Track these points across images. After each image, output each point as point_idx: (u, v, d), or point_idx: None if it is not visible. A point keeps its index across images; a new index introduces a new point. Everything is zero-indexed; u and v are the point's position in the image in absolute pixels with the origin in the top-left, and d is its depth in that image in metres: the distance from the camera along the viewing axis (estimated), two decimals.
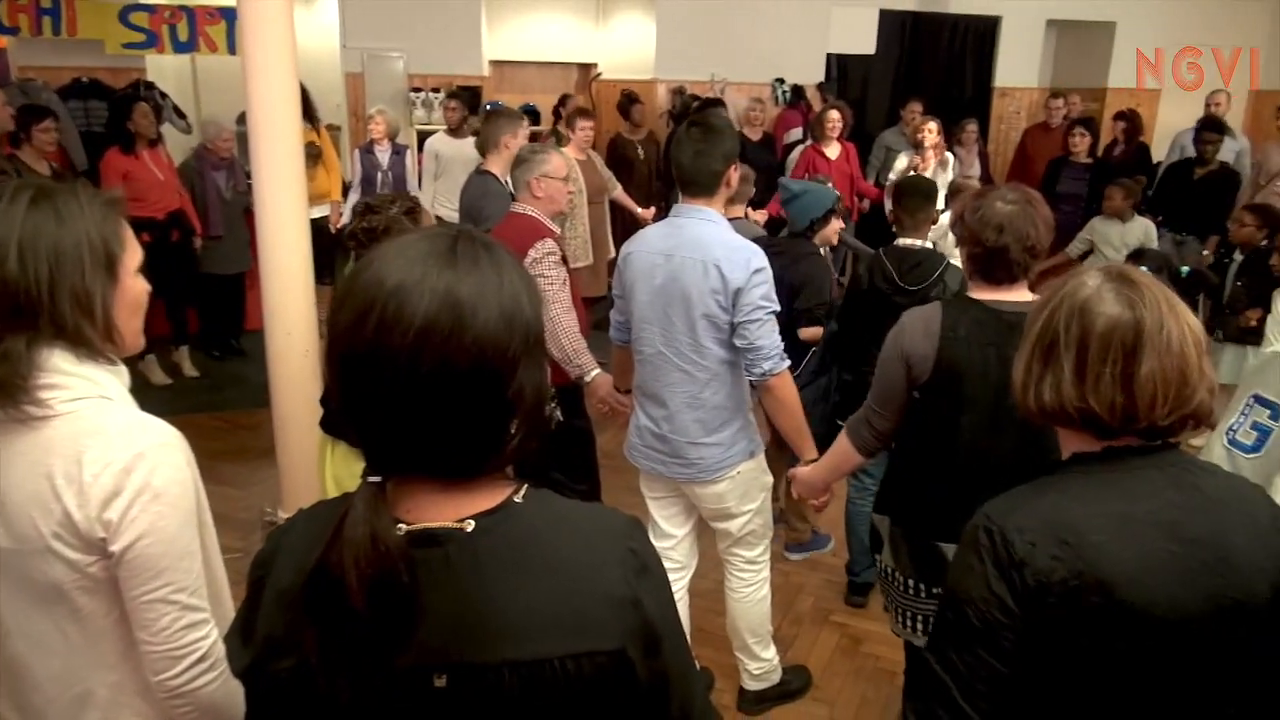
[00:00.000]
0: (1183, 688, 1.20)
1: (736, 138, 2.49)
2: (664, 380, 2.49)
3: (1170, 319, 1.20)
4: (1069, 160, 6.53)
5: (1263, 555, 1.20)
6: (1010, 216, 2.05)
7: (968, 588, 1.23)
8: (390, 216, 2.33)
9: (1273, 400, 2.05)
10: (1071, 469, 1.28)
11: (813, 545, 3.94)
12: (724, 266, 2.32)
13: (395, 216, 2.33)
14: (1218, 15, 9.11)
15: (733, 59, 7.91)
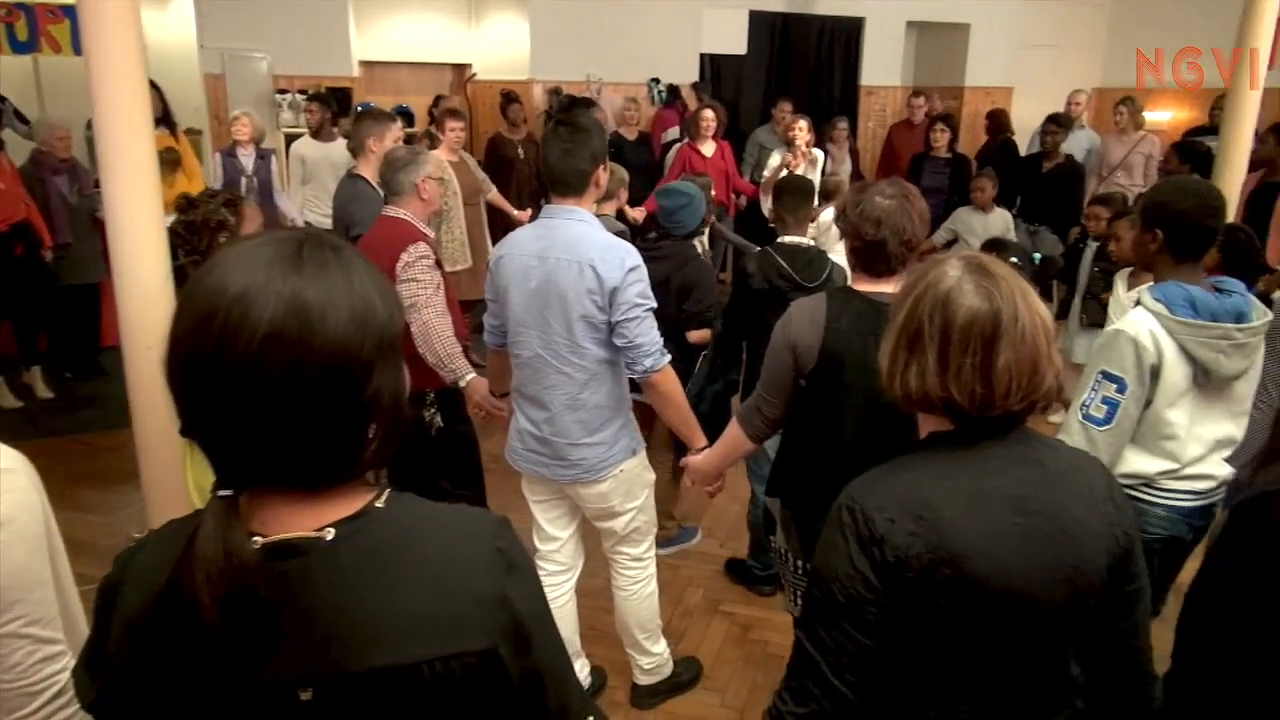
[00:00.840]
0: (1031, 651, 1.27)
1: (605, 137, 2.49)
2: (543, 383, 2.48)
3: (1024, 310, 1.26)
4: (930, 155, 6.83)
5: (1098, 523, 1.29)
6: (889, 211, 2.12)
7: (833, 565, 1.27)
8: (209, 210, 2.26)
9: (1118, 375, 2.18)
10: (927, 448, 1.34)
11: (680, 539, 4.00)
12: (599, 266, 2.33)
13: (214, 209, 2.26)
14: (1063, 17, 9.70)
15: (608, 59, 7.95)
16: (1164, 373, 2.14)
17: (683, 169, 6.25)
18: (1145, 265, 2.35)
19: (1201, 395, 2.20)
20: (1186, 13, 8.95)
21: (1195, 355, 2.12)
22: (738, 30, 8.45)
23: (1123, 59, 10.00)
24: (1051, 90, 8.69)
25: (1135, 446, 2.25)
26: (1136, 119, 6.87)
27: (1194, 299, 2.13)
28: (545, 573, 2.81)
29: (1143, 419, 2.21)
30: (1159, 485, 2.26)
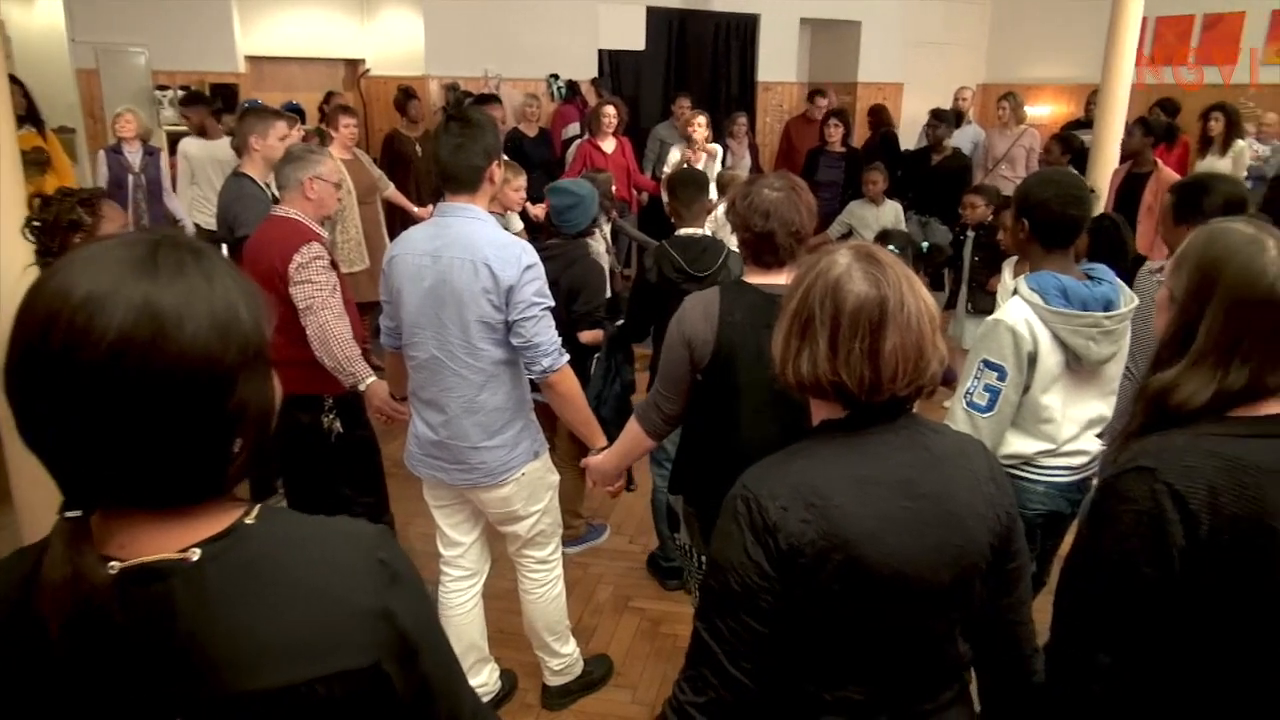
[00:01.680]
0: (920, 630, 1.31)
1: (498, 133, 2.45)
2: (440, 385, 2.43)
3: (910, 296, 1.29)
4: (826, 150, 6.97)
5: (981, 505, 1.33)
6: (776, 203, 2.16)
7: (728, 555, 1.28)
8: (62, 209, 2.15)
9: (998, 363, 2.26)
10: (819, 436, 1.36)
11: (588, 537, 4.00)
12: (494, 265, 2.29)
13: (68, 208, 2.15)
14: (948, 15, 10.04)
15: (506, 54, 7.86)
16: (1039, 360, 2.23)
17: (584, 165, 6.23)
18: (1020, 253, 2.44)
19: (1074, 379, 2.29)
20: (1063, 11, 9.36)
21: (1067, 343, 2.22)
22: (635, 26, 8.46)
23: (1005, 56, 10.42)
24: (940, 86, 9.00)
25: (1015, 429, 2.33)
26: (1018, 113, 7.16)
27: (1066, 288, 2.22)
28: (450, 578, 2.76)
29: (1021, 403, 2.29)
30: (1038, 464, 2.35)
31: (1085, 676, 1.37)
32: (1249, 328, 1.31)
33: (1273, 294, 1.30)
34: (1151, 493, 1.28)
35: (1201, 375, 1.34)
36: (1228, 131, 6.68)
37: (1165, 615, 1.31)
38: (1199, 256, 1.38)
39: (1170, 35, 8.89)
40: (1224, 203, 2.49)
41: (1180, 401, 1.35)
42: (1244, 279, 1.32)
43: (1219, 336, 1.33)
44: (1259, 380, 1.31)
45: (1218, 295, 1.34)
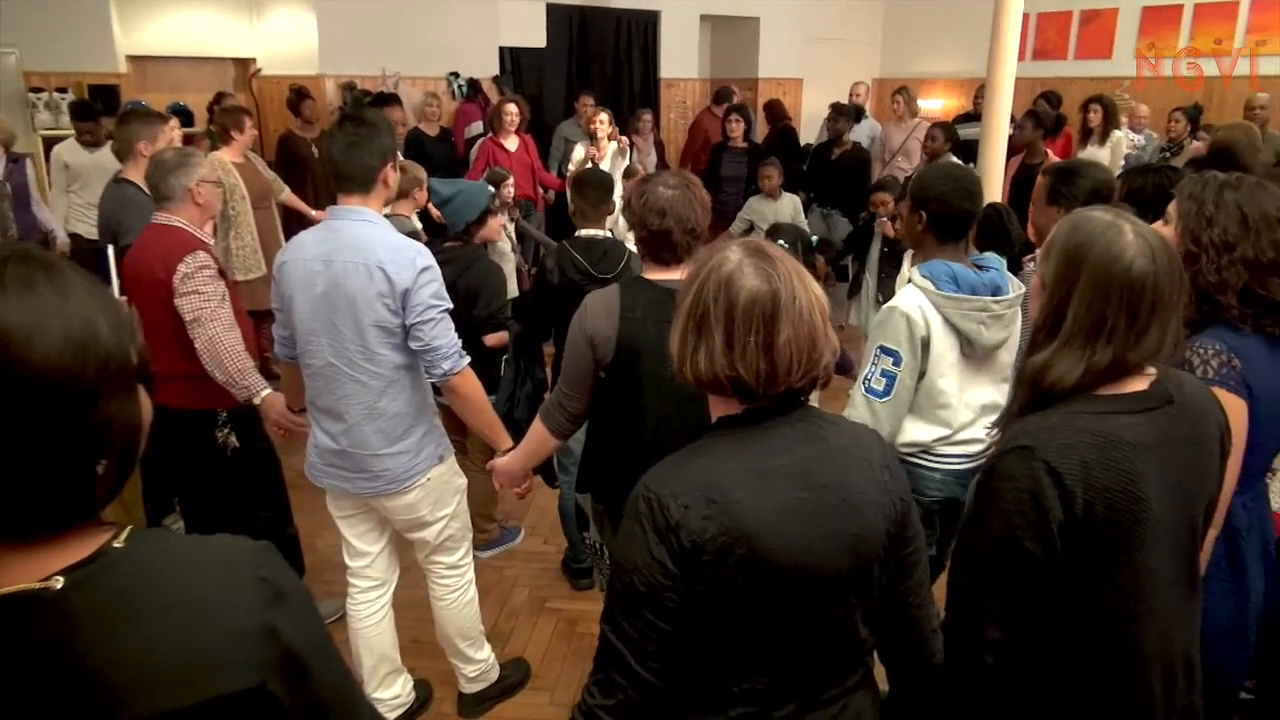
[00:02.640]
0: (822, 618, 1.33)
1: (394, 135, 2.40)
2: (337, 393, 2.36)
3: (800, 290, 1.31)
4: (728, 145, 7.05)
5: (876, 492, 1.36)
6: (671, 201, 2.17)
7: (632, 556, 1.28)
8: None
9: (893, 349, 2.32)
10: (717, 432, 1.37)
11: (502, 540, 3.97)
12: (389, 268, 2.24)
13: None
14: (843, 12, 10.26)
15: (404, 52, 7.70)
16: (933, 345, 2.30)
17: (486, 164, 6.16)
18: (914, 244, 2.50)
19: (968, 365, 2.37)
20: (951, 7, 9.67)
21: (959, 327, 2.29)
22: (536, 23, 8.40)
23: (898, 51, 10.72)
24: (838, 81, 9.20)
25: (914, 416, 2.40)
26: (912, 107, 7.38)
27: (956, 275, 2.30)
28: (358, 589, 2.70)
29: (918, 389, 2.36)
30: (935, 451, 2.42)
31: (978, 650, 1.42)
32: (1111, 308, 1.37)
33: (1130, 276, 1.36)
34: (1031, 471, 1.34)
35: (1071, 355, 1.40)
36: (1105, 122, 7.01)
37: (1050, 588, 1.37)
38: (1064, 244, 1.44)
39: (1051, 30, 9.28)
40: (1092, 188, 2.61)
41: (1053, 381, 1.41)
42: (1104, 262, 1.38)
43: (1085, 318, 1.39)
44: (1122, 357, 1.38)
45: (1082, 279, 1.40)
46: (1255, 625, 1.94)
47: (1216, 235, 1.80)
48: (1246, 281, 1.78)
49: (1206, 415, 1.49)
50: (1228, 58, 8.12)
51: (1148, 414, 1.40)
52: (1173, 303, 1.39)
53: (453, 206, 3.43)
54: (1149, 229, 1.42)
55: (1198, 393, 1.51)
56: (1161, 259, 1.38)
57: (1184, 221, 1.86)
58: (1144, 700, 1.42)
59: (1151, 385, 1.43)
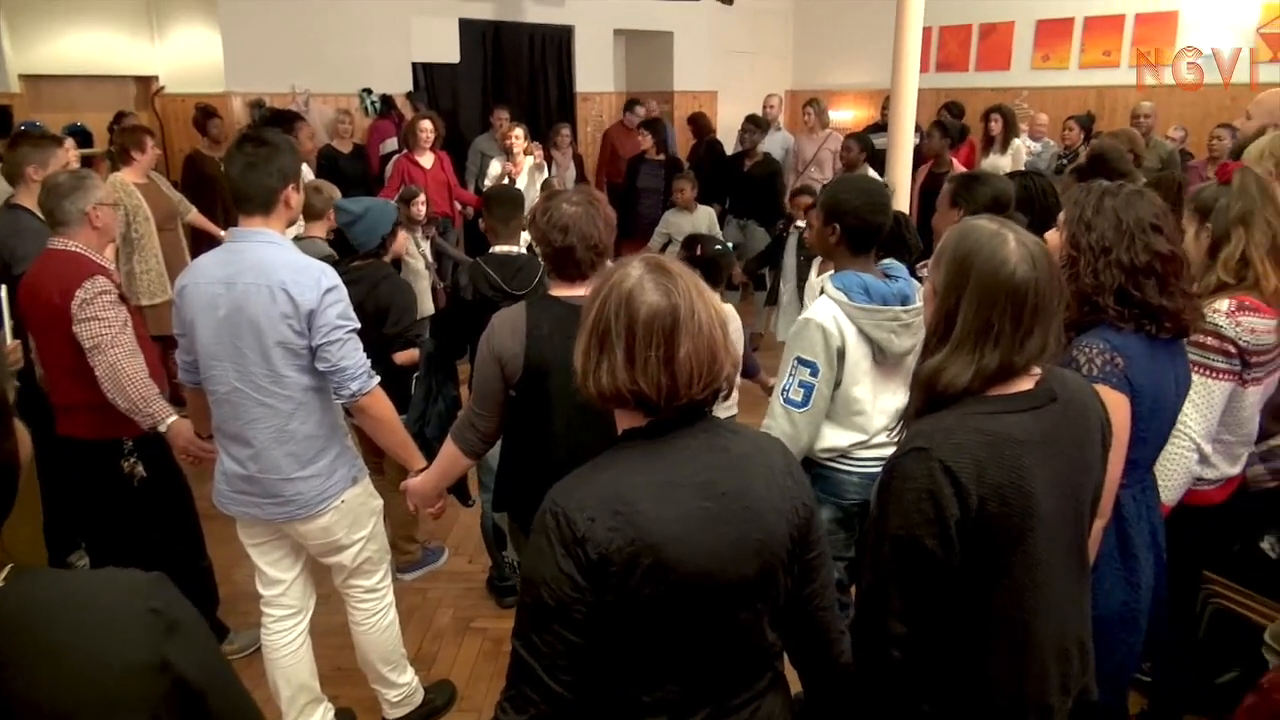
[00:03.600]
0: (730, 624, 1.35)
1: (296, 154, 2.36)
2: (244, 417, 2.31)
3: (699, 304, 1.34)
4: (645, 158, 7.10)
5: (779, 498, 1.39)
6: (575, 218, 2.18)
7: (540, 570, 1.29)
8: None
9: (810, 359, 2.37)
10: (622, 445, 1.39)
11: (425, 561, 3.92)
12: (292, 289, 2.21)
13: None
14: (755, 26, 10.46)
15: (314, 69, 7.57)
16: (848, 354, 2.36)
17: (401, 181, 6.10)
18: (826, 256, 2.56)
19: (880, 372, 2.43)
20: (856, 22, 9.94)
21: (871, 336, 2.35)
22: (449, 39, 8.35)
23: (808, 64, 10.96)
24: (751, 93, 9.35)
25: (831, 423, 2.45)
26: (823, 118, 7.55)
27: (868, 286, 2.36)
28: (273, 618, 2.63)
29: (834, 398, 2.41)
30: (853, 456, 2.48)
31: (884, 645, 1.46)
32: (997, 314, 1.43)
33: (1013, 282, 1.42)
34: (928, 470, 1.39)
35: (961, 359, 1.46)
36: (1006, 131, 7.29)
37: (949, 582, 1.42)
38: (952, 252, 1.50)
39: (953, 43, 9.62)
40: (993, 195, 2.72)
41: (946, 384, 1.47)
42: (989, 269, 1.44)
43: (973, 323, 1.45)
44: (1008, 360, 1.44)
45: (970, 286, 1.46)
46: (1146, 611, 2.04)
47: (1094, 239, 1.89)
48: (1122, 283, 1.87)
49: (1088, 411, 1.57)
50: (1115, 69, 8.53)
51: (1034, 412, 1.46)
52: (1053, 307, 1.46)
53: (360, 226, 3.39)
54: (1031, 237, 1.49)
55: (1079, 390, 1.59)
56: (1042, 265, 1.45)
57: (1068, 226, 1.95)
58: (1040, 684, 1.49)
59: (1037, 384, 1.49)
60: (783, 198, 7.11)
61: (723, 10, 8.36)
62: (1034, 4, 8.95)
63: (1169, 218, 1.92)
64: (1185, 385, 2.03)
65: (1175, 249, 1.89)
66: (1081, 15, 8.66)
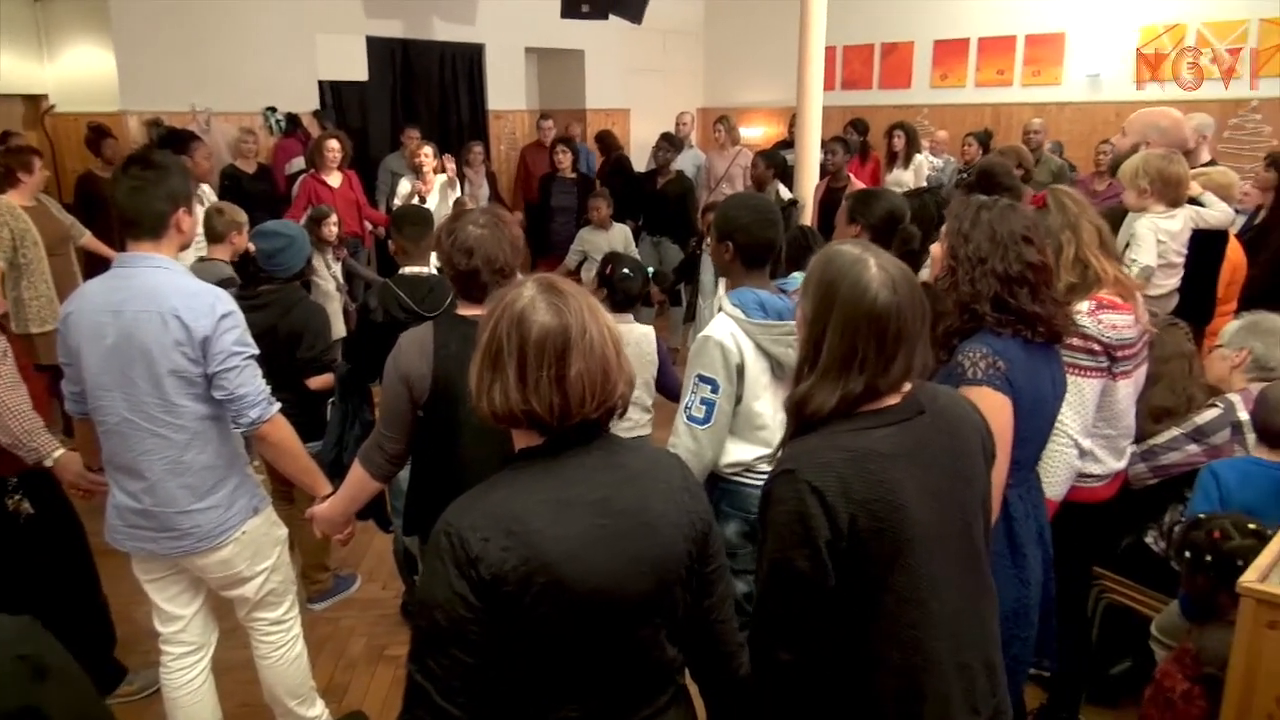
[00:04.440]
0: (629, 641, 1.36)
1: (187, 176, 2.29)
2: (136, 449, 2.23)
3: (592, 323, 1.35)
4: (557, 176, 7.11)
5: (675, 513, 1.41)
6: (480, 240, 2.18)
7: (434, 592, 1.28)
8: None
9: (711, 376, 2.40)
10: (518, 464, 1.39)
11: (337, 590, 3.84)
12: (185, 315, 2.14)
13: None
14: (664, 45, 10.59)
15: (216, 88, 7.37)
16: (747, 370, 2.39)
17: (308, 201, 5.98)
18: (723, 273, 2.61)
19: (780, 386, 2.47)
20: (763, 41, 10.15)
21: (769, 351, 2.40)
22: (356, 56, 8.23)
23: (719, 82, 11.15)
24: (663, 111, 9.46)
25: (735, 438, 2.48)
26: (733, 135, 7.68)
27: (763, 302, 2.40)
28: (171, 656, 2.54)
29: (737, 413, 2.45)
30: (757, 470, 2.51)
31: (772, 670, 1.47)
32: (861, 340, 1.45)
33: (876, 309, 1.45)
34: (796, 492, 1.39)
35: (827, 386, 1.48)
36: (908, 147, 7.54)
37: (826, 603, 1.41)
38: (817, 280, 1.52)
39: (856, 62, 9.91)
40: (887, 212, 2.81)
41: (813, 410, 1.49)
42: (852, 297, 1.46)
43: (838, 350, 1.47)
44: (874, 384, 1.46)
45: (835, 314, 1.48)
46: (1037, 606, 2.12)
47: (971, 251, 1.98)
48: (997, 291, 1.96)
49: (963, 422, 1.58)
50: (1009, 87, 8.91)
51: (900, 425, 1.47)
52: (916, 330, 1.48)
53: (285, 255, 3.34)
54: (892, 261, 1.51)
55: (952, 402, 1.61)
56: (904, 290, 1.47)
57: (948, 239, 2.04)
58: (940, 705, 1.46)
59: (903, 399, 1.51)
60: (695, 215, 7.20)
61: (633, 29, 8.43)
62: (932, 25, 9.29)
63: (1040, 230, 2.02)
64: (1061, 387, 2.13)
65: (1045, 259, 1.99)
66: (976, 36, 9.03)
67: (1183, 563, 2.25)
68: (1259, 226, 4.64)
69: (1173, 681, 2.28)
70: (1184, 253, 3.27)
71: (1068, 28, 8.48)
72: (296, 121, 7.73)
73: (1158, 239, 3.20)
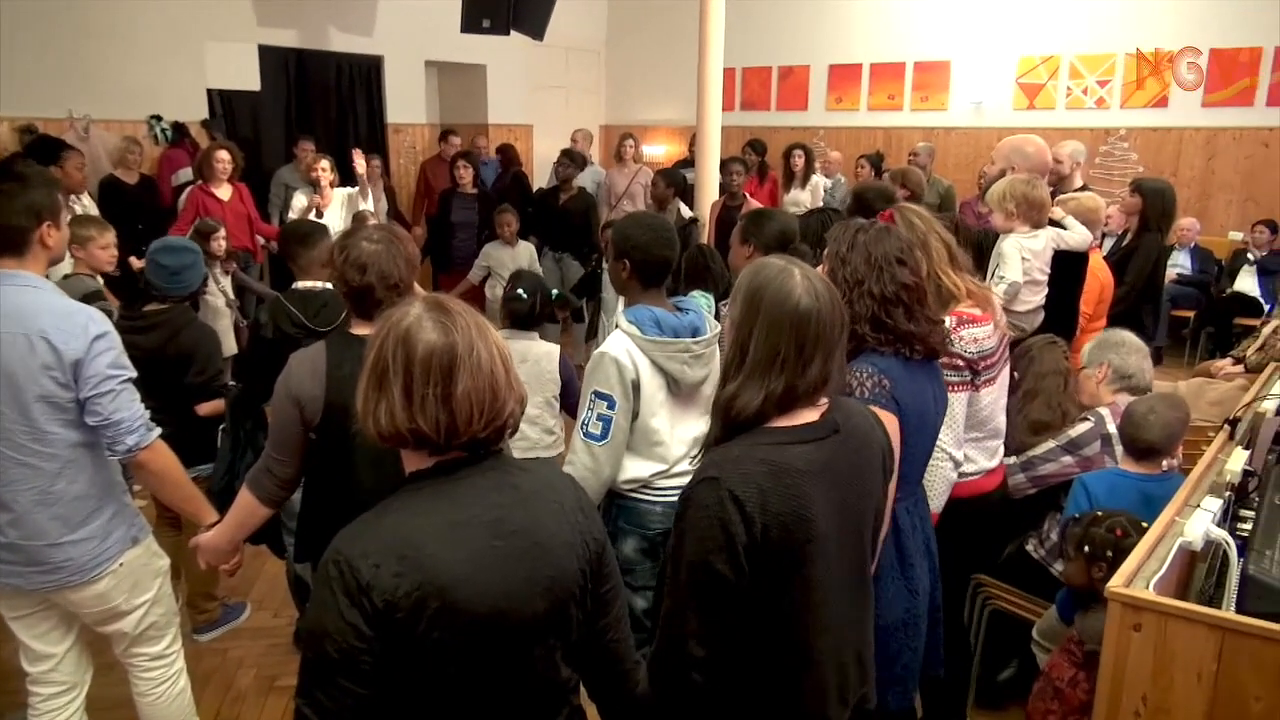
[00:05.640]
0: (524, 662, 1.36)
1: (52, 189, 2.17)
2: (2, 480, 2.10)
3: (480, 342, 1.34)
4: (458, 191, 7.04)
5: (569, 533, 1.41)
6: (374, 256, 2.15)
7: (324, 622, 1.25)
8: None
9: (607, 393, 2.41)
10: (408, 487, 1.37)
11: (225, 619, 3.69)
12: (54, 337, 2.03)
13: None
14: (566, 63, 10.63)
15: (96, 94, 7.04)
16: (643, 386, 2.42)
17: (196, 213, 5.76)
18: (620, 291, 2.63)
19: (676, 402, 2.51)
20: (664, 61, 10.29)
21: (664, 368, 2.42)
22: (248, 66, 7.98)
23: (621, 99, 11.24)
24: (566, 127, 9.49)
25: (632, 454, 2.50)
26: (637, 153, 7.76)
27: (659, 319, 2.43)
28: (41, 697, 2.39)
29: (634, 429, 2.47)
30: (654, 485, 2.54)
31: (685, 669, 1.51)
32: (783, 341, 1.54)
33: (797, 312, 1.54)
34: (719, 499, 1.46)
35: (753, 386, 1.55)
36: (807, 167, 7.75)
37: (739, 604, 1.49)
38: (746, 287, 1.60)
39: (755, 84, 10.14)
40: (779, 232, 2.89)
41: (739, 410, 1.55)
42: (776, 300, 1.55)
43: (763, 351, 1.55)
44: (792, 385, 1.54)
45: (760, 317, 1.56)
46: (926, 615, 2.20)
47: (849, 273, 2.05)
48: (875, 311, 2.04)
49: (869, 439, 1.69)
50: (899, 111, 9.26)
51: (816, 443, 1.56)
52: (834, 337, 1.57)
53: (182, 277, 3.21)
54: (816, 274, 1.61)
55: (862, 420, 1.71)
56: (824, 298, 1.56)
57: (828, 261, 2.11)
58: (818, 699, 1.58)
59: (822, 416, 1.60)
60: (597, 231, 7.23)
61: (535, 45, 8.44)
62: (827, 50, 9.59)
63: (913, 252, 2.11)
64: (943, 403, 2.22)
65: (918, 280, 2.08)
66: (868, 61, 9.36)
67: (1079, 556, 2.35)
68: (1125, 248, 4.93)
69: (1060, 671, 2.40)
70: (1047, 271, 3.45)
71: (953, 56, 8.88)
72: (184, 131, 7.45)
73: (1022, 257, 3.38)
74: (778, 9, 9.69)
